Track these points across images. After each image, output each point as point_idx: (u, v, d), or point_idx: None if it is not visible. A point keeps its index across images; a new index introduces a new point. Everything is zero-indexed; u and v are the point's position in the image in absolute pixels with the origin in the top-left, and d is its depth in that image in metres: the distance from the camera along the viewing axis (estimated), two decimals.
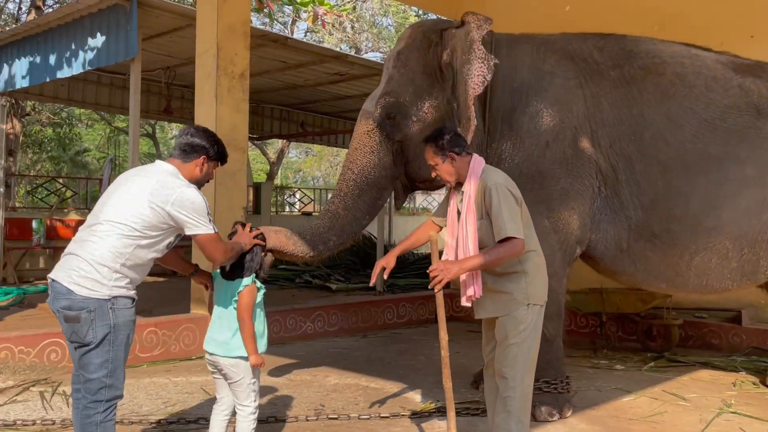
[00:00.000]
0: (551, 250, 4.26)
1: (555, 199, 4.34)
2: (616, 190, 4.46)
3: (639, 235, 4.46)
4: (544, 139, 4.38)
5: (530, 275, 3.23)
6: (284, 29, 20.33)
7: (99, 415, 2.82)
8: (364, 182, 4.38)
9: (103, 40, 7.56)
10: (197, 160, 3.07)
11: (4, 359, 4.96)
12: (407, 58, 4.50)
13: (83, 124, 24.86)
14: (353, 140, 4.52)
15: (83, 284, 2.78)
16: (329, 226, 4.27)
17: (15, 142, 13.96)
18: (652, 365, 5.73)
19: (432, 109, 4.40)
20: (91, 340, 2.79)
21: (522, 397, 3.18)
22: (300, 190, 22.02)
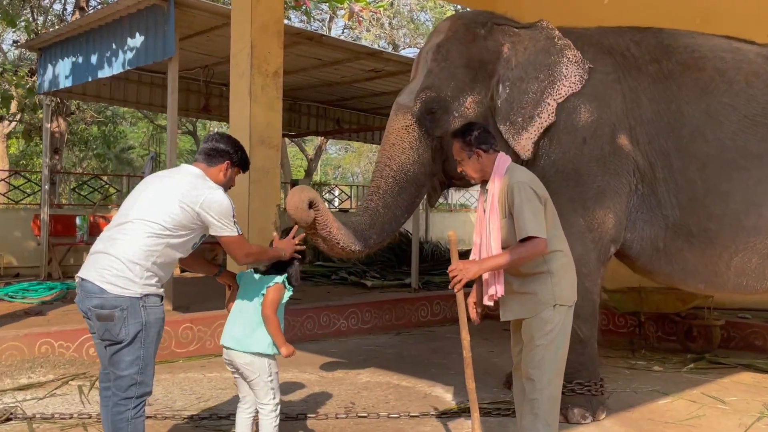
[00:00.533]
0: (585, 249, 4.23)
1: (590, 198, 4.27)
2: (653, 188, 4.37)
3: (676, 234, 4.37)
4: (581, 135, 4.31)
5: (556, 276, 3.17)
6: (322, 26, 20.40)
7: (130, 412, 2.86)
8: (403, 179, 4.27)
9: (141, 39, 7.68)
10: (221, 165, 3.13)
11: (45, 353, 5.09)
12: (448, 51, 4.39)
13: (127, 122, 25.40)
14: (389, 135, 4.40)
15: (116, 283, 2.83)
16: (370, 224, 4.15)
17: (60, 141, 14.31)
18: (691, 367, 5.60)
19: (474, 105, 4.32)
20: (123, 338, 2.84)
21: (550, 399, 3.13)
22: (338, 187, 22.09)
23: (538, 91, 4.28)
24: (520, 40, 4.42)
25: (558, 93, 4.27)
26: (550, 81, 4.29)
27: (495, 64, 4.36)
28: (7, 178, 14.69)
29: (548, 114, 4.25)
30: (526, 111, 4.25)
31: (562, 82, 4.27)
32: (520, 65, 4.34)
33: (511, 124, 4.29)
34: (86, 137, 21.55)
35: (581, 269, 4.14)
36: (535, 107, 4.26)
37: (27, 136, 13.54)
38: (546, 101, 4.26)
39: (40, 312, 6.73)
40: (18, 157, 21.25)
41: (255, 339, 3.16)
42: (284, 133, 13.50)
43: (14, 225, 10.82)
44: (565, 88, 4.27)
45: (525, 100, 4.28)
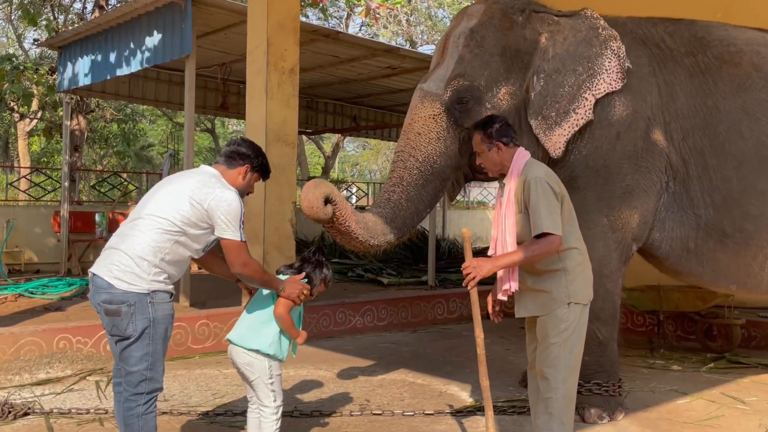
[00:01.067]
0: (608, 250, 4.14)
1: (617, 197, 4.14)
2: (686, 187, 4.24)
3: (708, 235, 4.24)
4: (615, 130, 4.15)
5: (571, 273, 3.13)
6: (339, 23, 20.42)
7: (140, 408, 2.88)
8: (428, 171, 4.05)
9: (159, 37, 7.73)
10: (241, 168, 3.11)
11: (63, 349, 5.14)
12: (483, 38, 4.14)
13: (146, 120, 25.60)
14: (415, 123, 4.12)
15: (123, 278, 2.84)
16: (391, 218, 3.93)
17: (80, 138, 14.45)
18: (711, 366, 5.52)
19: (507, 96, 4.11)
20: (131, 334, 2.85)
21: (564, 398, 3.10)
22: (355, 184, 22.11)
23: (575, 84, 4.08)
24: (560, 29, 4.21)
25: (597, 88, 4.06)
26: (589, 74, 4.08)
27: (532, 55, 4.16)
28: (29, 175, 14.88)
29: (585, 110, 4.05)
30: (561, 105, 4.06)
31: (602, 77, 4.06)
32: (558, 56, 4.15)
33: (543, 119, 4.09)
34: (106, 135, 21.76)
35: (602, 270, 4.09)
36: (570, 102, 4.06)
37: (48, 134, 13.71)
38: (583, 96, 4.06)
39: (60, 308, 6.80)
40: (39, 155, 21.50)
41: (258, 336, 3.12)
42: (301, 131, 13.55)
43: (35, 222, 10.95)
44: (605, 83, 4.06)
45: (560, 93, 4.09)
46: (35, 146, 21.02)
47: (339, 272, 10.04)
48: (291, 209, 6.41)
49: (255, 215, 6.34)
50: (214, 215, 2.93)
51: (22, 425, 3.90)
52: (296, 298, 3.13)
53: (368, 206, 18.44)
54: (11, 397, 4.34)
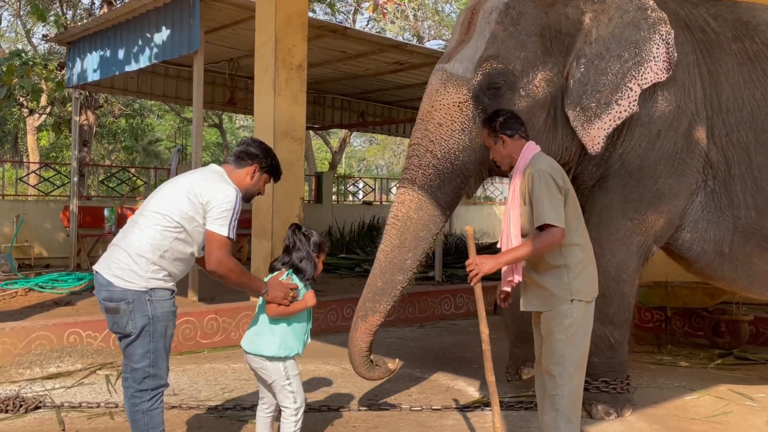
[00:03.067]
0: (628, 255, 3.99)
1: (646, 201, 3.91)
2: (726, 186, 3.98)
3: (746, 238, 4.00)
4: (656, 128, 3.83)
5: (573, 270, 3.11)
6: (347, 19, 20.40)
7: (145, 404, 2.90)
8: (447, 169, 3.66)
9: (167, 33, 7.75)
10: (249, 168, 3.08)
11: (73, 343, 5.18)
12: (519, 14, 3.70)
13: (154, 115, 25.67)
14: (435, 112, 3.69)
15: (121, 276, 2.85)
16: (397, 245, 3.67)
17: (89, 133, 14.52)
18: (718, 363, 5.51)
19: (544, 83, 3.70)
20: (131, 331, 2.86)
21: (571, 395, 3.10)
22: (362, 179, 22.13)
23: (620, 72, 3.68)
24: (605, 9, 3.77)
25: (643, 77, 3.65)
26: (636, 62, 3.67)
27: (573, 37, 3.74)
28: (38, 170, 14.95)
29: (629, 102, 3.65)
30: (602, 96, 3.67)
31: (650, 65, 3.65)
32: (601, 39, 3.72)
33: (581, 110, 3.70)
34: (114, 130, 21.84)
35: (621, 275, 3.99)
36: (613, 92, 3.67)
37: (56, 129, 13.75)
38: (627, 86, 3.66)
39: (69, 302, 6.86)
40: (48, 150, 21.59)
41: (265, 341, 3.09)
42: (308, 126, 13.56)
43: (44, 216, 11.01)
44: (652, 73, 3.65)
45: (602, 82, 3.68)
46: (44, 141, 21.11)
47: (346, 267, 10.08)
48: (299, 204, 6.44)
49: (263, 210, 6.36)
50: (209, 206, 2.89)
51: (33, 419, 3.93)
52: (282, 300, 3.03)
53: (375, 201, 18.46)
54: (22, 390, 4.38)
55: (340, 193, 18.73)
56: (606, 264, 3.91)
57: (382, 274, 3.76)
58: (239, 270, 2.94)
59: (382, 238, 3.79)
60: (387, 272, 3.75)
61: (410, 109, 14.01)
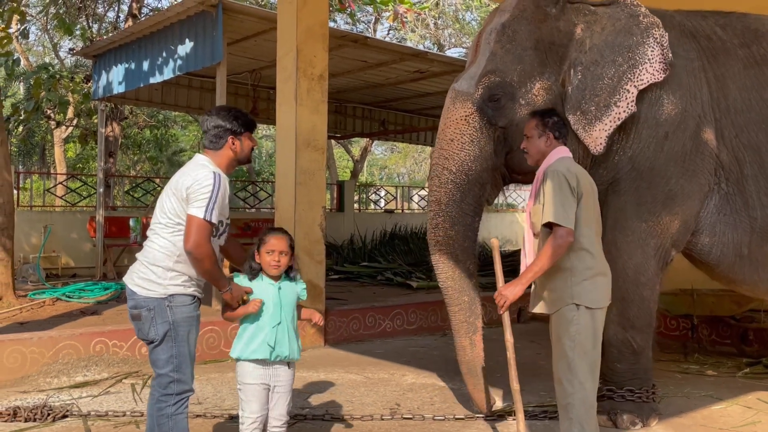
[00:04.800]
0: (645, 257, 4.00)
1: (660, 202, 3.95)
2: (740, 187, 4.01)
3: (764, 239, 4.00)
4: (663, 130, 3.92)
5: (577, 275, 3.12)
6: (367, 28, 20.50)
7: (170, 408, 2.96)
8: (464, 181, 3.94)
9: (191, 45, 7.87)
10: (227, 143, 3.06)
11: (99, 352, 5.25)
12: (515, 32, 3.99)
13: (178, 126, 25.97)
14: (447, 128, 4.01)
15: (142, 285, 2.96)
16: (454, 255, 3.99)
17: (114, 144, 14.71)
18: (746, 371, 5.42)
19: (543, 92, 3.93)
20: (153, 337, 2.95)
21: (583, 403, 3.08)
22: (383, 188, 22.15)
23: (615, 76, 3.85)
24: (597, 19, 4.01)
25: (639, 79, 3.81)
26: (630, 65, 3.85)
27: (567, 47, 3.98)
28: (65, 181, 15.20)
29: (627, 103, 3.80)
30: (601, 99, 3.84)
31: (645, 67, 3.82)
32: (596, 47, 3.94)
33: (582, 114, 3.88)
34: (139, 141, 22.13)
35: (639, 278, 3.99)
36: (611, 95, 3.84)
37: (83, 141, 13.99)
38: (624, 88, 3.82)
39: (96, 311, 6.94)
40: (74, 161, 21.94)
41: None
42: (330, 135, 13.64)
43: (71, 227, 11.18)
44: (648, 74, 3.81)
45: (599, 86, 3.87)
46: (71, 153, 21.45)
47: (368, 276, 10.08)
48: (320, 213, 6.47)
49: (286, 220, 6.40)
50: (187, 194, 2.90)
51: (60, 427, 3.99)
52: (231, 301, 3.04)
53: (397, 209, 18.47)
54: (50, 399, 4.45)
55: (362, 201, 18.78)
56: (624, 266, 3.94)
57: (461, 292, 4.14)
58: (213, 260, 2.93)
59: (434, 265, 4.14)
60: (463, 288, 4.13)
61: (431, 117, 14.03)
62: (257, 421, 3.10)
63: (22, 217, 10.09)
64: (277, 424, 3.15)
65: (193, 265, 2.94)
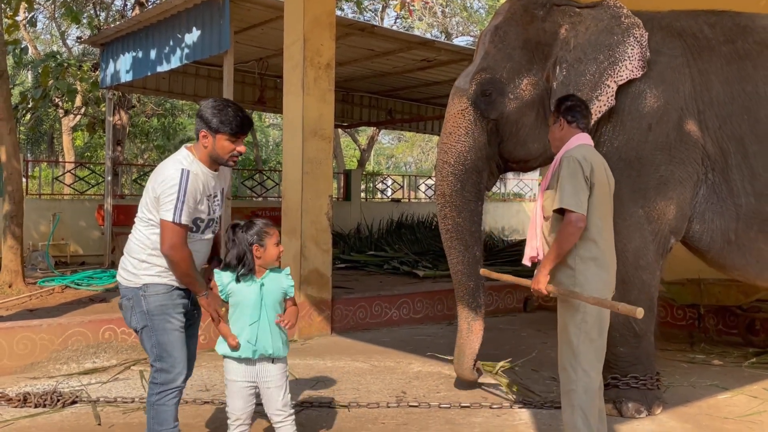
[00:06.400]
0: (644, 241, 4.12)
1: (652, 188, 4.10)
2: (725, 176, 4.15)
3: (749, 225, 4.14)
4: (646, 122, 4.12)
5: (583, 263, 3.15)
6: (374, 17, 20.42)
7: (153, 397, 2.97)
8: (461, 171, 4.30)
9: (198, 34, 7.87)
10: (200, 136, 2.95)
11: (108, 339, 5.29)
12: (505, 33, 4.34)
13: (185, 114, 26.02)
14: (447, 122, 4.40)
15: (122, 275, 3.03)
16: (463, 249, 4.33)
17: (122, 133, 14.78)
18: (753, 361, 5.42)
19: (530, 87, 4.25)
20: (135, 326, 3.01)
21: (585, 390, 3.09)
22: (390, 177, 22.16)
23: (597, 72, 4.11)
24: (581, 20, 4.27)
25: (619, 75, 4.07)
26: (611, 62, 4.10)
27: (552, 46, 4.25)
28: (73, 169, 15.26)
29: (607, 97, 4.06)
30: (583, 94, 4.06)
31: (624, 64, 4.07)
32: (579, 46, 4.20)
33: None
34: (147, 129, 22.20)
35: (638, 261, 4.10)
36: (593, 90, 4.09)
37: (91, 129, 14.03)
38: (605, 83, 4.08)
39: (104, 299, 7.00)
40: (83, 150, 22.02)
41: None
42: (337, 124, 13.64)
43: (80, 215, 11.25)
44: (627, 70, 4.06)
45: (582, 82, 4.12)
46: (79, 141, 21.53)
47: (375, 265, 10.11)
48: (327, 202, 6.48)
49: (293, 209, 6.42)
50: (156, 193, 2.87)
51: (70, 413, 4.04)
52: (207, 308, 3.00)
53: (404, 198, 18.48)
54: (59, 385, 4.50)
55: (369, 190, 18.78)
56: (623, 250, 4.01)
57: (469, 276, 4.44)
58: (188, 263, 2.89)
59: (447, 252, 4.50)
60: (471, 273, 4.42)
61: (438, 106, 14.00)
62: (241, 418, 3.07)
63: (30, 205, 10.14)
64: (278, 419, 3.12)
65: (170, 268, 2.91)
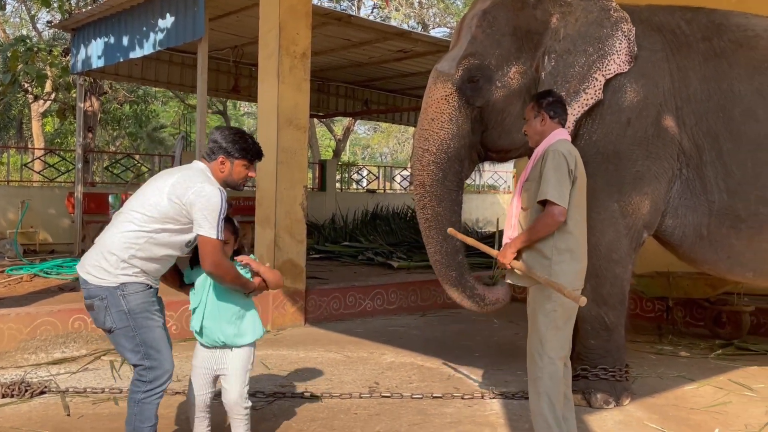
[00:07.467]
0: (617, 235, 4.15)
1: (628, 182, 4.13)
2: (699, 172, 4.20)
3: (721, 221, 4.20)
4: (626, 116, 4.13)
5: (559, 255, 3.18)
6: (351, 6, 20.31)
7: (139, 394, 2.90)
8: (444, 159, 4.15)
9: (172, 20, 7.76)
10: (217, 159, 3.00)
11: (78, 329, 5.23)
12: (494, 18, 4.22)
13: (159, 102, 25.67)
14: (428, 108, 4.22)
15: (93, 273, 2.86)
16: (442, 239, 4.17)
17: (93, 120, 14.53)
18: (719, 353, 5.53)
19: (518, 75, 4.17)
20: (111, 326, 2.86)
21: (551, 378, 3.14)
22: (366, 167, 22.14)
23: (586, 65, 4.09)
24: (572, 10, 4.22)
25: (607, 68, 4.06)
26: (599, 55, 4.09)
27: (542, 35, 4.19)
28: (43, 156, 15.00)
29: (595, 90, 4.05)
30: (571, 86, 4.07)
31: (613, 57, 4.06)
32: (569, 37, 4.16)
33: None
34: (119, 116, 21.85)
35: (612, 255, 4.14)
36: (581, 82, 4.07)
37: (61, 115, 13.76)
38: (593, 76, 4.06)
39: (74, 288, 6.89)
40: (53, 136, 21.63)
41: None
42: (312, 114, 13.57)
43: (49, 202, 11.06)
44: (615, 64, 4.06)
45: (570, 73, 4.10)
46: (49, 127, 21.14)
47: (349, 255, 10.10)
48: (302, 193, 6.45)
49: (266, 199, 6.39)
50: (193, 210, 2.86)
51: (38, 403, 3.98)
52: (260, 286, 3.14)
53: (379, 189, 18.46)
54: (28, 375, 4.44)
55: (344, 181, 18.75)
56: (596, 243, 4.05)
57: (449, 267, 4.25)
58: (235, 273, 3.00)
59: (426, 242, 4.31)
60: (450, 263, 4.25)
61: (414, 98, 14.00)
62: (195, 405, 3.15)
63: None
64: (231, 413, 3.12)
65: (217, 282, 3.01)
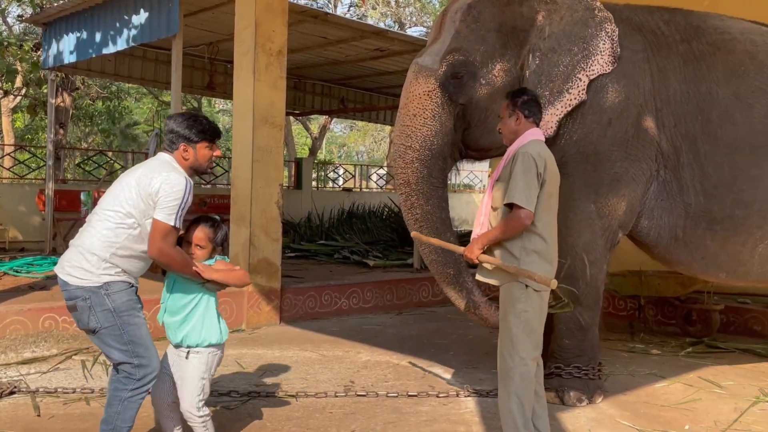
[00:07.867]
0: (593, 236, 4.17)
1: (606, 183, 4.15)
2: (676, 174, 4.23)
3: (697, 223, 4.24)
4: (607, 116, 4.13)
5: (527, 255, 3.17)
6: (328, 4, 20.27)
7: (125, 392, 2.87)
8: (428, 156, 4.10)
9: (146, 16, 7.65)
10: (179, 149, 2.98)
11: (49, 328, 5.15)
12: (479, 13, 4.17)
13: (132, 98, 25.36)
14: (410, 103, 4.14)
15: (73, 273, 2.82)
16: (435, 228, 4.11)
17: (65, 116, 14.31)
18: (689, 351, 5.62)
19: (502, 73, 4.13)
20: (95, 326, 2.82)
21: (521, 378, 3.14)
22: (342, 166, 22.10)
23: (570, 64, 4.08)
24: (557, 9, 4.20)
25: (591, 69, 4.06)
26: (584, 55, 4.08)
27: (528, 32, 4.15)
28: (13, 152, 14.74)
29: (578, 90, 4.04)
30: (555, 85, 4.06)
31: (596, 58, 4.06)
32: (554, 36, 4.14)
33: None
34: (91, 113, 21.52)
35: (587, 256, 4.15)
36: (565, 82, 4.06)
37: (32, 111, 13.55)
38: (577, 76, 4.06)
39: (45, 287, 6.78)
40: (23, 132, 21.26)
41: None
42: (289, 112, 13.51)
43: (19, 200, 10.87)
44: (598, 65, 4.06)
45: (555, 73, 4.09)
46: (19, 123, 20.77)
47: (325, 254, 10.07)
48: (278, 191, 6.42)
49: (242, 197, 6.34)
50: (157, 197, 2.83)
51: (8, 403, 3.91)
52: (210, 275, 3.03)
53: (355, 188, 18.45)
54: None
55: (320, 179, 18.69)
56: (572, 244, 4.09)
57: (446, 264, 4.17)
58: (181, 259, 2.92)
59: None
60: (447, 260, 4.15)
61: (391, 96, 14.00)
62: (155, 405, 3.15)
63: None
64: (189, 423, 3.07)
65: (165, 269, 2.97)
